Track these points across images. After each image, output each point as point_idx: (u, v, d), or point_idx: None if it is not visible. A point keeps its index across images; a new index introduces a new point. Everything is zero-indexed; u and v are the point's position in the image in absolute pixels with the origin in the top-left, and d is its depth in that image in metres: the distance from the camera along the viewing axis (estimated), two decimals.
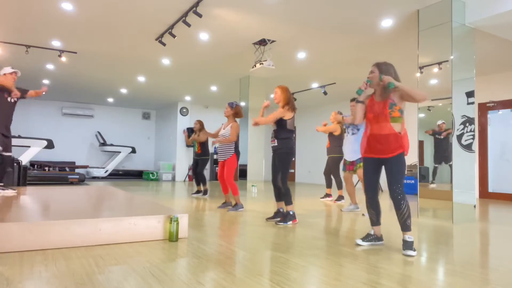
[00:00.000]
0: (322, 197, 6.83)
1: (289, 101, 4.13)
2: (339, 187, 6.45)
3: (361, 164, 4.91)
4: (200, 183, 7.09)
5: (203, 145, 7.05)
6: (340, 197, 6.44)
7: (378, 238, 3.13)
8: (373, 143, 2.93)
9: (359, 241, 3.10)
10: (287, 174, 4.09)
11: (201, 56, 7.15)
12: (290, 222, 4.06)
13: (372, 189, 3.05)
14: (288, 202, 4.08)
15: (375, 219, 3.10)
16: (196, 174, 7.07)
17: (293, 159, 4.23)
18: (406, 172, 8.88)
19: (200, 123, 7.15)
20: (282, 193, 4.11)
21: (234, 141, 5.06)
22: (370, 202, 3.07)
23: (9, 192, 4.91)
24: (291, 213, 4.09)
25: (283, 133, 4.09)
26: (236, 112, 5.16)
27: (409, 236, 2.85)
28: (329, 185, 6.76)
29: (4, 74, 4.83)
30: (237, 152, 5.10)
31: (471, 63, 4.66)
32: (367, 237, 3.12)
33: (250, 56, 6.94)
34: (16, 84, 4.94)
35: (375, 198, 3.06)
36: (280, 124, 4.10)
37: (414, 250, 2.79)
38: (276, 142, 4.11)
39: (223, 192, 5.31)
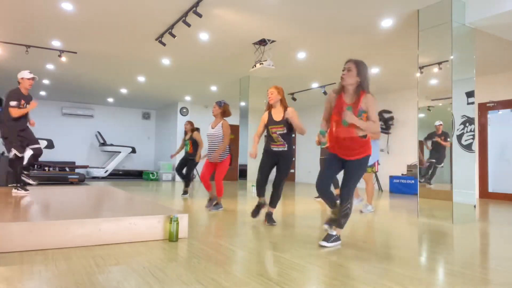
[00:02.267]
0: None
1: (285, 101, 4.05)
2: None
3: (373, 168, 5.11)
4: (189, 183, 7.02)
5: (195, 145, 6.88)
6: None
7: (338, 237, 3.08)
8: (339, 146, 2.94)
9: (323, 243, 3.01)
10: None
11: (201, 56, 7.15)
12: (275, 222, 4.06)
13: (326, 181, 3.04)
14: (276, 205, 4.12)
15: (331, 205, 3.12)
16: (180, 172, 6.98)
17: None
18: (405, 173, 8.96)
19: (191, 124, 7.07)
20: (278, 195, 4.05)
21: (229, 144, 5.00)
22: (323, 197, 3.07)
23: (21, 193, 4.84)
24: (271, 213, 4.11)
25: (291, 137, 4.00)
26: (224, 111, 5.05)
27: (332, 231, 2.99)
28: None
29: (22, 78, 4.80)
30: (231, 153, 5.05)
31: (471, 63, 4.66)
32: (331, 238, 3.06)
33: (250, 56, 6.94)
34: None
35: (326, 192, 3.06)
36: (290, 127, 3.96)
37: (330, 242, 2.93)
38: (286, 146, 3.95)
39: (207, 189, 5.14)
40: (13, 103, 4.65)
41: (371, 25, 5.44)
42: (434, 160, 4.63)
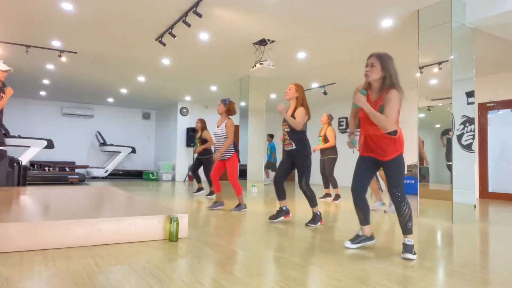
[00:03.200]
0: (322, 197, 6.83)
1: (304, 101, 3.99)
2: (335, 186, 6.53)
3: None
4: (200, 180, 7.04)
5: (206, 144, 6.94)
6: (337, 196, 6.50)
7: (368, 238, 3.00)
8: (370, 144, 2.80)
9: (348, 244, 2.96)
10: (309, 176, 4.00)
11: (201, 56, 7.15)
12: (319, 223, 4.02)
13: (360, 188, 2.90)
14: (315, 203, 4.02)
15: (363, 218, 2.96)
16: (196, 172, 7.00)
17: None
18: (406, 173, 8.95)
19: (202, 122, 7.05)
20: (308, 196, 4.00)
21: (233, 142, 4.95)
22: (357, 201, 2.92)
23: None
24: (318, 213, 4.04)
25: (300, 134, 3.93)
26: (229, 109, 5.02)
27: (409, 240, 2.74)
28: (327, 185, 6.79)
29: None
30: (237, 151, 4.98)
31: (471, 63, 4.66)
32: (356, 239, 2.98)
33: (250, 56, 6.94)
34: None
35: (362, 197, 2.92)
36: None
37: (414, 254, 2.68)
38: (293, 145, 3.93)
39: (216, 190, 5.14)
40: None
41: (371, 25, 5.44)
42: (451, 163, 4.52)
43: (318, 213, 4.04)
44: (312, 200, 4.02)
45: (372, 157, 2.84)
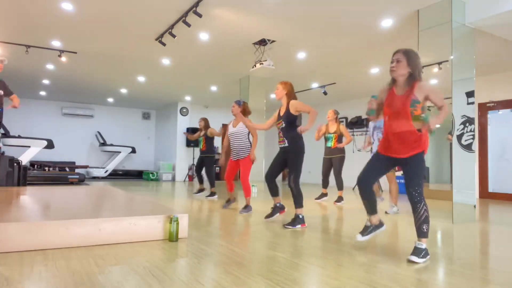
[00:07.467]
0: (317, 198, 6.65)
1: (294, 96, 4.00)
2: (341, 188, 6.36)
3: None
4: (203, 181, 7.02)
5: (209, 142, 6.90)
6: (340, 198, 6.34)
7: (377, 226, 2.92)
8: (392, 141, 2.70)
9: (359, 237, 2.90)
10: (299, 175, 3.90)
11: (201, 56, 7.15)
12: (299, 225, 3.86)
13: (368, 179, 2.80)
14: (299, 205, 3.89)
15: (370, 208, 2.87)
16: (199, 172, 6.99)
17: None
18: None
19: (205, 121, 7.03)
20: (294, 195, 3.89)
21: (250, 142, 4.96)
22: (364, 192, 2.81)
23: None
24: (300, 216, 3.87)
25: (293, 131, 3.88)
26: (243, 110, 5.01)
27: (420, 243, 2.63)
28: (325, 185, 6.61)
29: None
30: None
31: (471, 63, 4.66)
32: (365, 230, 2.91)
33: (250, 56, 6.94)
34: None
35: (369, 188, 2.81)
36: (290, 120, 3.87)
37: (421, 257, 2.58)
38: (286, 142, 3.89)
39: (229, 189, 5.12)
40: None
41: (371, 25, 5.44)
42: None
43: (301, 216, 3.89)
44: (297, 200, 3.89)
45: (390, 156, 2.75)
